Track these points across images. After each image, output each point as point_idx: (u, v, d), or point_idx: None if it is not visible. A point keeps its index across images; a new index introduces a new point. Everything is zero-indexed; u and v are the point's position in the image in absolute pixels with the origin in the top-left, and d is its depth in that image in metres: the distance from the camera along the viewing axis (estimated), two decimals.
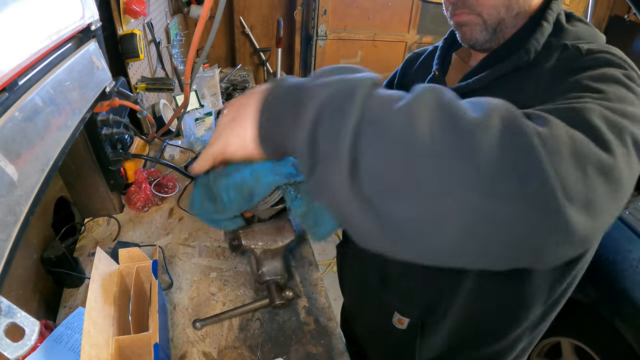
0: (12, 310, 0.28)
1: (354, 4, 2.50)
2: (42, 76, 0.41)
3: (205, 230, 0.90)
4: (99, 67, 0.59)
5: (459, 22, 0.58)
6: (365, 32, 2.63)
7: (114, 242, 0.84)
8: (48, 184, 0.39)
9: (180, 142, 1.24)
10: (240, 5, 2.42)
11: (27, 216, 0.34)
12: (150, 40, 1.27)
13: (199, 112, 1.18)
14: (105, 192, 0.87)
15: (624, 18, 2.95)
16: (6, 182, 0.32)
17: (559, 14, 0.54)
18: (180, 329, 0.68)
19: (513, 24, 0.55)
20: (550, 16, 0.53)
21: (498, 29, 0.55)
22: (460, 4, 0.56)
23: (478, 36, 0.56)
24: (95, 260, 0.56)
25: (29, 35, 0.38)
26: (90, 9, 0.55)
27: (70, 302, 0.72)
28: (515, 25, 0.56)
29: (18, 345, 0.28)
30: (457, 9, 0.57)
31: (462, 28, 0.58)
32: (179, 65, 1.61)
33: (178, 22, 1.76)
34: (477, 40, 0.57)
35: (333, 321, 0.71)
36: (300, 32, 2.59)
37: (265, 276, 0.69)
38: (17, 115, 0.35)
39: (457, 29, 0.60)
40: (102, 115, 0.75)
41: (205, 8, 0.53)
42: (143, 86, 1.08)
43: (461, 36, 0.59)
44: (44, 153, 0.39)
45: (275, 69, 2.58)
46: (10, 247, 0.31)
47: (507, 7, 0.54)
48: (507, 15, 0.54)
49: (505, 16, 0.54)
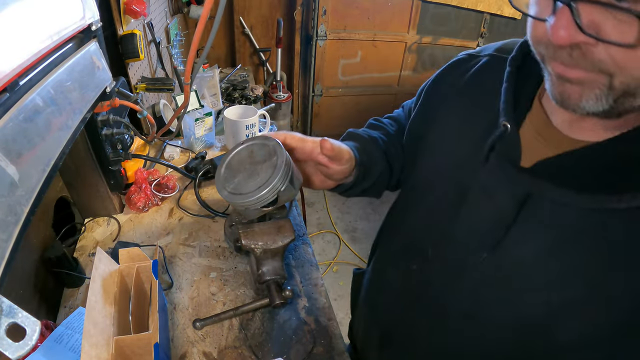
0: (13, 310, 0.29)
1: (353, 4, 2.50)
2: (43, 76, 0.41)
3: (205, 230, 0.90)
4: (99, 68, 0.59)
5: (567, 78, 0.37)
6: (365, 32, 2.63)
7: (114, 242, 0.84)
8: (49, 184, 0.39)
9: (180, 142, 1.25)
10: (240, 5, 2.42)
11: (27, 216, 0.34)
12: (150, 40, 1.27)
13: (199, 112, 1.18)
14: (105, 192, 0.87)
15: None
16: (7, 182, 0.32)
17: None
18: (181, 328, 0.68)
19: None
20: None
21: (621, 101, 0.35)
22: (578, 57, 0.34)
23: (590, 104, 0.36)
24: (96, 260, 0.56)
25: (30, 36, 0.38)
26: (90, 10, 0.55)
27: (70, 302, 0.72)
28: None
29: (19, 345, 0.28)
30: (568, 64, 0.36)
31: (565, 86, 0.37)
32: (179, 65, 1.61)
33: (178, 22, 1.76)
34: (586, 108, 0.37)
35: (333, 321, 0.72)
36: (300, 32, 2.59)
37: (265, 276, 0.69)
38: (18, 115, 0.35)
39: (557, 85, 0.38)
40: (102, 116, 0.76)
41: (205, 8, 0.53)
42: (143, 86, 1.08)
43: (561, 96, 0.38)
44: (44, 153, 0.39)
45: (275, 69, 2.58)
46: (11, 247, 0.31)
47: None
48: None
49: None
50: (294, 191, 0.58)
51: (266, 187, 0.55)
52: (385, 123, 0.76)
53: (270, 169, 0.56)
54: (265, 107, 1.50)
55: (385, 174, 0.69)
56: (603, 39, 0.32)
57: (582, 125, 0.42)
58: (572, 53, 0.35)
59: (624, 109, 0.37)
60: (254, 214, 0.63)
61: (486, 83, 0.52)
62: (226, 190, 0.58)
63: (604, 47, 0.33)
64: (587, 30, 0.32)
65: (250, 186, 0.56)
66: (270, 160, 0.57)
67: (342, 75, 2.81)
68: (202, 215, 0.94)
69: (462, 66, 0.58)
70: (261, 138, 0.60)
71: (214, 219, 0.93)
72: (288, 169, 0.56)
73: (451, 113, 0.57)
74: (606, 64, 0.33)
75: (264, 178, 0.56)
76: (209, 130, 1.22)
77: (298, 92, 2.89)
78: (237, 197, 0.57)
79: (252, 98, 1.86)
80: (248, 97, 1.86)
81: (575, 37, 0.32)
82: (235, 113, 1.22)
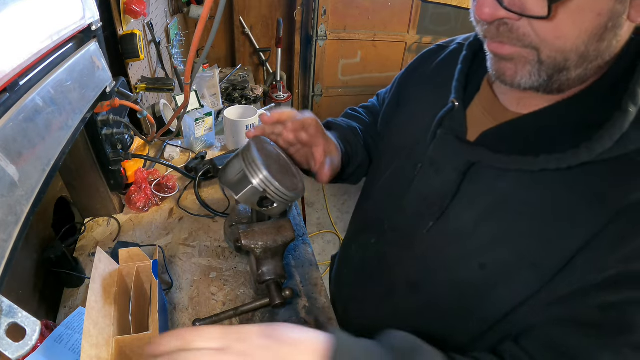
0: (13, 310, 0.29)
1: (353, 4, 2.50)
2: (43, 76, 0.41)
3: (205, 230, 0.90)
4: (99, 67, 0.59)
5: (500, 55, 0.40)
6: (365, 32, 2.63)
7: (114, 242, 0.84)
8: (49, 184, 0.39)
9: (180, 142, 1.25)
10: (240, 5, 2.42)
11: (28, 216, 0.34)
12: (150, 40, 1.27)
13: (199, 112, 1.18)
14: (105, 192, 0.87)
15: None
16: (7, 182, 0.32)
17: None
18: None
19: (581, 76, 0.39)
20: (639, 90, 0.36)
21: (555, 77, 0.39)
22: (504, 32, 0.38)
23: (524, 80, 0.40)
24: (96, 260, 0.56)
25: (30, 36, 0.38)
26: (90, 10, 0.55)
27: (70, 302, 0.72)
28: (584, 78, 0.39)
29: (19, 345, 0.28)
30: (497, 38, 0.39)
31: (501, 63, 0.41)
32: (179, 65, 1.61)
33: (178, 22, 1.76)
34: (521, 84, 0.40)
35: (333, 321, 0.72)
36: (300, 32, 2.59)
37: (265, 276, 0.69)
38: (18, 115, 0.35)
39: (494, 63, 0.42)
40: (102, 116, 0.76)
41: (205, 8, 0.53)
42: (143, 86, 1.08)
43: (497, 72, 0.42)
44: (44, 153, 0.39)
45: (275, 69, 2.58)
46: (11, 247, 0.31)
47: (581, 55, 0.36)
48: (575, 66, 0.37)
49: (573, 66, 0.37)
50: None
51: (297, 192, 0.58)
52: (362, 113, 0.80)
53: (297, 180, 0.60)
54: (265, 107, 1.50)
55: (365, 163, 0.73)
56: (520, 12, 0.35)
57: (528, 102, 0.45)
58: (500, 28, 0.38)
59: (561, 84, 0.39)
60: (278, 209, 0.63)
61: (449, 68, 0.55)
62: (263, 172, 0.56)
63: (527, 22, 0.36)
64: (510, 7, 0.35)
65: (287, 181, 0.58)
66: (291, 170, 0.62)
67: (342, 76, 2.81)
68: (202, 215, 0.94)
69: (432, 56, 0.62)
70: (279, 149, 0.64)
71: (214, 219, 0.93)
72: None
73: (417, 98, 0.61)
74: (530, 37, 0.36)
75: (299, 180, 0.60)
76: (209, 130, 1.22)
77: (298, 92, 2.89)
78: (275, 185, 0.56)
79: (252, 98, 1.86)
80: (248, 97, 1.86)
81: (497, 13, 0.36)
82: (235, 113, 1.22)
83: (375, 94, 0.81)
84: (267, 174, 0.56)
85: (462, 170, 0.47)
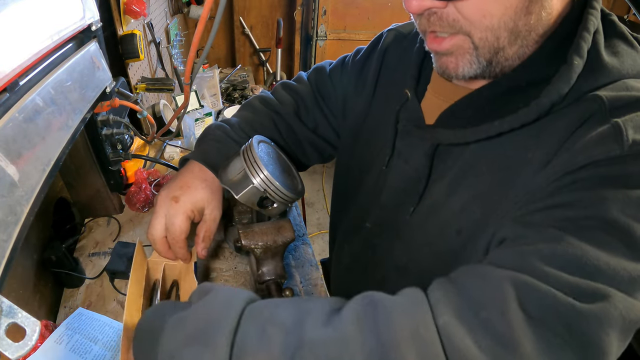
0: (13, 310, 0.29)
1: (353, 4, 2.50)
2: (43, 76, 0.41)
3: None
4: (99, 68, 0.59)
5: (440, 52, 0.42)
6: (365, 32, 2.63)
7: (114, 242, 0.84)
8: (49, 184, 0.39)
9: (180, 143, 1.24)
10: (240, 5, 2.43)
11: (28, 216, 0.34)
12: (150, 40, 1.27)
13: (198, 113, 1.18)
14: (105, 192, 0.87)
15: (624, 18, 2.95)
16: (7, 182, 0.32)
17: (596, 31, 0.39)
18: None
19: (519, 54, 0.40)
20: (584, 44, 0.37)
21: (495, 60, 0.40)
22: (435, 21, 0.39)
23: (467, 69, 0.41)
24: (136, 253, 0.58)
25: (30, 36, 0.38)
26: (90, 10, 0.55)
27: (70, 302, 0.72)
28: (522, 55, 0.41)
29: (19, 345, 0.28)
30: (431, 29, 0.41)
31: (442, 58, 0.43)
32: (179, 65, 1.61)
33: (178, 23, 1.76)
34: (465, 74, 0.42)
35: None
36: (300, 33, 2.59)
37: (265, 276, 0.69)
38: (18, 115, 0.35)
39: (437, 60, 0.44)
40: (102, 116, 0.75)
41: (205, 8, 0.53)
42: (143, 86, 1.08)
43: (441, 68, 0.44)
44: (44, 153, 0.39)
45: (275, 69, 2.58)
46: (11, 247, 0.31)
47: (511, 31, 0.37)
48: (509, 43, 0.38)
49: (507, 44, 0.38)
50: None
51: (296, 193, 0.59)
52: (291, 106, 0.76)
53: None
54: None
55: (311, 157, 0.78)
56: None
57: (477, 82, 0.47)
58: (430, 18, 0.39)
59: (502, 67, 0.41)
60: (278, 209, 0.64)
61: (410, 59, 0.57)
62: (264, 171, 0.57)
63: (453, 8, 0.38)
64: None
65: (287, 181, 0.58)
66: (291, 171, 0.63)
67: None
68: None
69: (397, 47, 0.63)
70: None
71: None
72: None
73: (383, 94, 0.63)
74: (459, 21, 0.38)
75: (299, 181, 0.60)
76: None
77: None
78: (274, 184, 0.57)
79: None
80: (248, 98, 1.86)
81: (423, 3, 0.38)
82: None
83: (341, 63, 0.80)
84: (268, 174, 0.56)
85: (429, 153, 0.50)
